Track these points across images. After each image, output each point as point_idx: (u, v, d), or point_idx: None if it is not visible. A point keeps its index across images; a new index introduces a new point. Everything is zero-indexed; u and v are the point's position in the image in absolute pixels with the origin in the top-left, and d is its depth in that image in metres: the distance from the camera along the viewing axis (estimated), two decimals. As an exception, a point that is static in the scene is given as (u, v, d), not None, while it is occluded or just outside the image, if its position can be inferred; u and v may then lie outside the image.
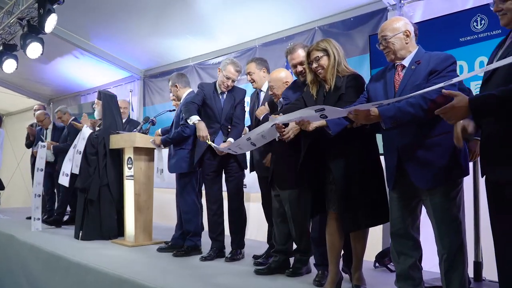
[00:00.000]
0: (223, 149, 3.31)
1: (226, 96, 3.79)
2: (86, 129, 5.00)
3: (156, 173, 4.48)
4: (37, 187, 5.47)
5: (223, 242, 3.85)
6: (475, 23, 3.24)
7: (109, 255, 3.95)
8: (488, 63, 2.03)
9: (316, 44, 2.75)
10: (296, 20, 4.93)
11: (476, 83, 3.08)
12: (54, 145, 5.89)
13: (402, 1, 4.04)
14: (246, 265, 3.53)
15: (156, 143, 4.27)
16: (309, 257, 3.25)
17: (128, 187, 4.54)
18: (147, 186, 4.53)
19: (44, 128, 6.37)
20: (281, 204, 3.22)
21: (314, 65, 2.72)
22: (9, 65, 6.17)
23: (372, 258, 3.44)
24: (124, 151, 4.61)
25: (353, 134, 2.54)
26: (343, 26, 4.54)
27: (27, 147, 6.97)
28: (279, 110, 3.04)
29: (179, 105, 4.21)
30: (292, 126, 2.61)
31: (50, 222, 5.79)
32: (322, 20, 4.73)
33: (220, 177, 3.80)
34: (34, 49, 5.52)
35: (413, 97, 2.12)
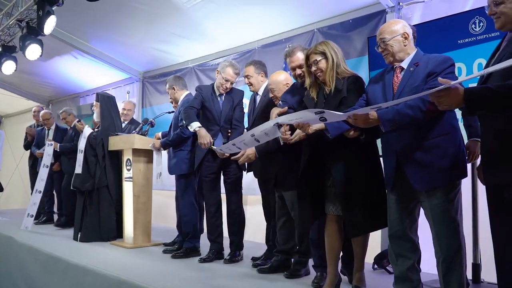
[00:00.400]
0: (226, 150, 3.30)
1: (224, 98, 3.79)
2: (87, 129, 5.01)
3: (156, 179, 4.48)
4: (39, 183, 5.47)
5: (222, 243, 3.85)
6: (473, 25, 3.25)
7: (107, 257, 3.95)
8: (485, 65, 2.04)
9: (314, 47, 2.74)
10: (295, 22, 4.94)
11: (474, 85, 3.07)
12: (62, 144, 5.85)
13: (400, 3, 4.04)
14: (245, 267, 3.53)
15: (155, 146, 4.28)
16: (308, 259, 3.25)
17: (127, 189, 4.54)
18: (146, 187, 4.53)
19: (47, 128, 6.35)
20: (284, 204, 3.23)
21: (313, 68, 2.71)
22: (8, 67, 6.17)
23: (371, 260, 3.44)
24: (123, 153, 4.62)
25: (353, 138, 2.54)
26: (342, 28, 4.55)
27: (26, 148, 6.96)
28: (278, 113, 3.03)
29: (177, 107, 4.22)
30: (299, 132, 2.61)
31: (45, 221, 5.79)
32: (321, 22, 4.74)
33: (219, 179, 3.80)
34: (33, 51, 5.52)
35: (411, 99, 2.12)
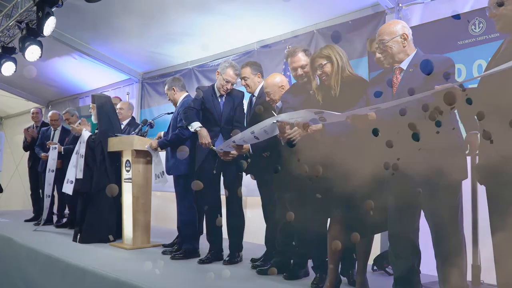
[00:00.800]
0: (226, 149, 3.29)
1: (225, 99, 3.78)
2: (86, 132, 4.99)
3: (155, 179, 4.47)
4: (47, 188, 5.52)
5: (221, 245, 3.84)
6: (473, 27, 3.25)
7: (107, 258, 3.94)
8: (486, 67, 2.04)
9: (320, 51, 2.73)
10: (295, 23, 4.94)
11: (474, 86, 3.07)
12: (66, 147, 5.82)
13: (400, 5, 4.04)
14: (244, 268, 3.53)
15: (152, 146, 4.26)
16: (308, 260, 3.24)
17: (126, 190, 4.53)
18: (145, 188, 4.52)
19: (53, 129, 6.33)
20: (285, 205, 3.21)
21: (318, 72, 2.70)
22: (8, 68, 6.18)
23: (370, 261, 3.42)
24: (122, 154, 4.61)
25: None
26: (342, 29, 4.55)
27: (25, 150, 6.96)
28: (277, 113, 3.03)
29: (176, 108, 4.21)
30: (296, 129, 2.59)
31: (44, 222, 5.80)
32: (321, 24, 4.75)
33: (218, 180, 3.79)
34: (32, 52, 5.53)
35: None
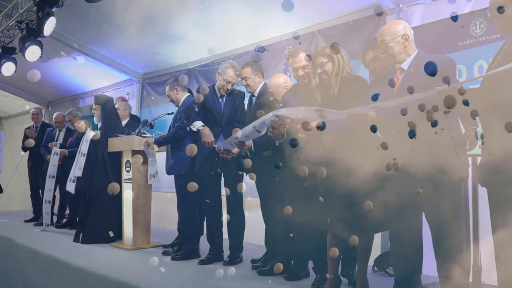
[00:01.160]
0: (227, 146, 3.29)
1: (225, 100, 3.78)
2: (90, 132, 4.99)
3: (149, 179, 4.46)
4: (47, 193, 5.53)
5: (221, 245, 3.84)
6: (474, 27, 3.25)
7: (107, 258, 3.93)
8: (488, 68, 2.04)
9: (322, 50, 2.74)
10: (296, 24, 4.93)
11: (475, 87, 3.07)
12: (69, 150, 5.80)
13: (400, 5, 4.04)
14: (245, 269, 3.52)
15: (149, 142, 4.22)
16: (308, 261, 3.24)
17: (127, 190, 4.52)
18: (145, 189, 4.51)
19: (58, 130, 6.34)
20: (285, 205, 3.20)
21: (319, 70, 2.71)
22: (8, 68, 6.17)
23: (371, 262, 3.42)
24: (122, 154, 4.60)
25: None
26: (343, 30, 4.55)
27: (24, 150, 6.95)
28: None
29: (177, 109, 4.20)
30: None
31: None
32: (321, 24, 4.74)
33: (219, 180, 3.79)
34: (33, 52, 5.53)
35: None
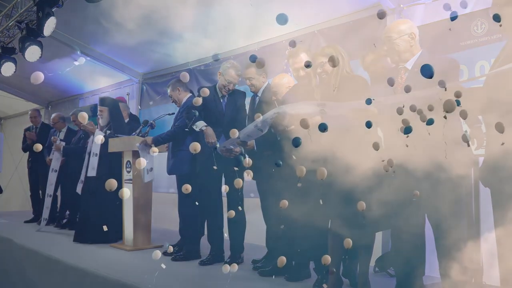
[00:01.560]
0: (229, 145, 3.28)
1: (227, 100, 3.78)
2: (98, 132, 4.96)
3: (146, 176, 4.41)
4: (49, 187, 5.58)
5: (222, 246, 3.83)
6: (475, 27, 3.24)
7: (107, 259, 3.93)
8: (491, 68, 2.03)
9: (322, 50, 2.75)
10: (296, 23, 4.93)
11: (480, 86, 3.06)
12: (66, 147, 5.83)
13: (401, 5, 4.04)
14: (245, 269, 3.51)
15: (147, 141, 4.19)
16: (309, 261, 3.23)
17: (127, 191, 4.49)
18: (146, 189, 4.51)
19: (58, 131, 6.39)
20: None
21: (318, 70, 2.71)
22: (8, 68, 6.15)
23: (372, 262, 3.42)
24: (123, 155, 4.59)
25: None
26: (343, 30, 4.54)
27: (24, 150, 6.95)
28: None
29: (178, 109, 4.19)
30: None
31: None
32: (322, 24, 4.73)
33: (220, 181, 3.79)
34: (32, 52, 5.51)
35: None
